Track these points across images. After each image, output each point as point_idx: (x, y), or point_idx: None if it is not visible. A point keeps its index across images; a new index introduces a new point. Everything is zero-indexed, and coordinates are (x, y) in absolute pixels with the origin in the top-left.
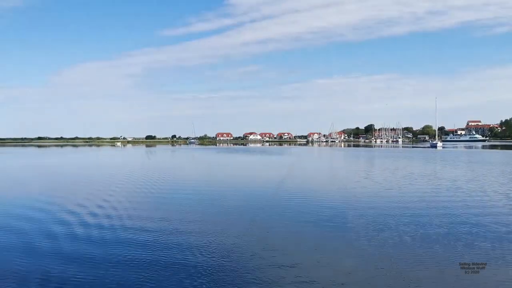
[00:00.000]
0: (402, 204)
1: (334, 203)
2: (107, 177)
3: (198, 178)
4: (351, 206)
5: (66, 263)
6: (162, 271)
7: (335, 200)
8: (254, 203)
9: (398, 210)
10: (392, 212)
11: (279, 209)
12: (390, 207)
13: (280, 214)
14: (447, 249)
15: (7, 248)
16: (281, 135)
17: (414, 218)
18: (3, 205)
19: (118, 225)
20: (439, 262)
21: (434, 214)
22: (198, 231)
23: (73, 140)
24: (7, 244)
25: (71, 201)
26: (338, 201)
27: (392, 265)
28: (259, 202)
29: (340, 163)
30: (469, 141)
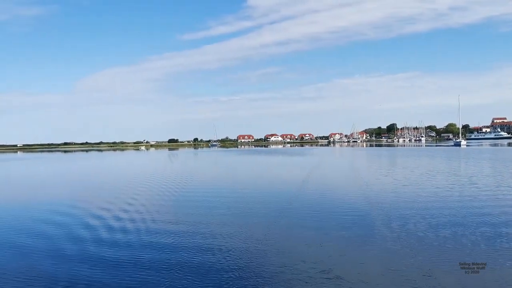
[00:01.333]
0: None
1: (355, 204)
2: (131, 180)
3: (220, 180)
4: (369, 205)
5: (93, 267)
6: (187, 274)
7: (357, 201)
8: (276, 205)
9: (405, 210)
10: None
11: (302, 211)
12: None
13: (303, 216)
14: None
15: (36, 252)
16: (303, 136)
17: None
18: (31, 210)
19: (142, 228)
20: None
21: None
22: (221, 234)
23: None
24: (35, 248)
25: (97, 205)
26: (359, 202)
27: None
28: (281, 203)
29: (361, 163)
30: (495, 139)
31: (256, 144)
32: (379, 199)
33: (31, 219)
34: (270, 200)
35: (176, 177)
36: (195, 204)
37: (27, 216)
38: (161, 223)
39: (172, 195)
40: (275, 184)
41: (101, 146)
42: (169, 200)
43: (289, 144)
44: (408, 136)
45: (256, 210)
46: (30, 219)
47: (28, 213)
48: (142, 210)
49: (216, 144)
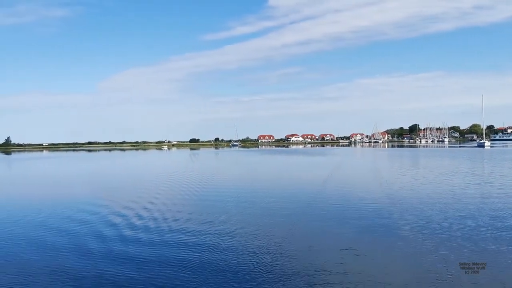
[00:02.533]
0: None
1: (377, 204)
2: (154, 179)
3: (241, 179)
4: (389, 205)
5: (118, 264)
6: (209, 273)
7: (378, 202)
8: (298, 204)
9: (418, 210)
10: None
11: (323, 211)
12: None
13: (324, 216)
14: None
15: (63, 248)
16: (323, 136)
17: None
18: (58, 207)
19: (164, 226)
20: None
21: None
22: (242, 233)
23: (121, 144)
24: (62, 245)
25: (120, 203)
26: (380, 203)
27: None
28: (303, 203)
29: (382, 163)
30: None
31: (277, 144)
32: (398, 199)
33: (58, 217)
34: (291, 200)
35: (198, 177)
36: (216, 203)
37: (55, 214)
38: (182, 222)
39: (193, 194)
40: (296, 184)
41: (124, 145)
42: (190, 199)
43: (310, 144)
44: (431, 137)
45: (277, 210)
46: (57, 216)
47: (55, 211)
48: (164, 209)
49: (237, 144)
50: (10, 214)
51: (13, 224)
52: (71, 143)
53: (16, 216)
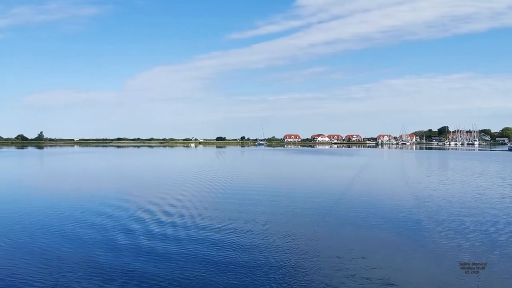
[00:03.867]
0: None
1: (402, 206)
2: (181, 176)
3: (267, 178)
4: (415, 208)
5: (144, 259)
6: (234, 271)
7: (404, 203)
8: (324, 204)
9: (436, 211)
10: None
11: (348, 211)
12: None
13: (350, 215)
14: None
15: (92, 243)
16: (350, 137)
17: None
18: (88, 202)
19: (190, 223)
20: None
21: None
22: (267, 232)
23: (149, 141)
24: (91, 239)
25: (148, 199)
26: (406, 204)
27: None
28: (329, 202)
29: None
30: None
31: (303, 144)
32: (423, 200)
33: (88, 211)
34: (318, 199)
35: (224, 174)
36: (242, 201)
37: (85, 208)
38: (208, 219)
39: (219, 192)
40: (322, 183)
41: (152, 142)
42: (216, 197)
43: (336, 144)
44: (460, 140)
45: (303, 209)
46: (87, 210)
47: (86, 205)
48: (190, 205)
49: (263, 143)
50: (43, 207)
51: (46, 217)
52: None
53: (49, 209)
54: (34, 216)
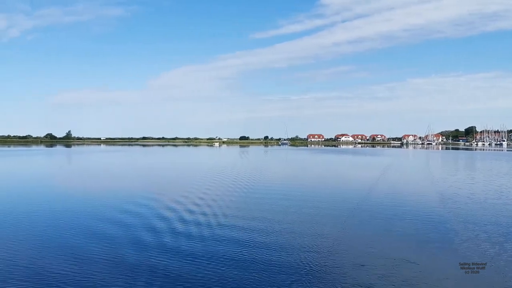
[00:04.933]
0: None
1: (427, 207)
2: (204, 174)
3: (290, 177)
4: (440, 209)
5: (169, 257)
6: (257, 269)
7: (429, 204)
8: (347, 204)
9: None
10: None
11: (373, 211)
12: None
13: (373, 216)
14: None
15: (118, 240)
16: (374, 136)
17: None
18: (114, 200)
19: (214, 222)
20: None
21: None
22: (291, 231)
23: (173, 140)
24: (117, 237)
25: (171, 197)
26: (431, 205)
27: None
28: (353, 202)
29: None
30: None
31: (326, 143)
32: (449, 201)
33: (114, 209)
34: (342, 199)
35: (247, 174)
36: (266, 200)
37: (111, 205)
38: (232, 218)
39: (242, 191)
40: (346, 183)
41: (176, 141)
42: (239, 196)
43: (360, 144)
44: (488, 140)
45: (328, 208)
46: (113, 208)
47: (112, 203)
48: (214, 204)
49: (287, 142)
50: (71, 205)
51: (74, 215)
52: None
53: (76, 206)
54: (63, 213)
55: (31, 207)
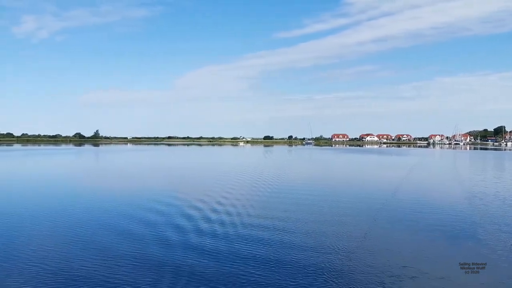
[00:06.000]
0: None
1: (454, 208)
2: (228, 174)
3: (315, 177)
4: (466, 210)
5: (194, 256)
6: (282, 269)
7: (456, 204)
8: (373, 204)
9: None
10: None
11: (399, 211)
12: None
13: (401, 216)
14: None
15: (143, 238)
16: (400, 136)
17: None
18: (139, 198)
19: (238, 221)
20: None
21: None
22: (315, 231)
23: (198, 139)
24: (143, 235)
25: (196, 196)
26: (458, 205)
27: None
28: (378, 203)
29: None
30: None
31: (351, 143)
32: (477, 203)
33: (140, 207)
34: (368, 199)
35: (271, 173)
36: (290, 200)
37: (137, 204)
38: (256, 217)
39: (266, 190)
40: (372, 182)
41: (201, 140)
42: (263, 196)
43: (385, 144)
44: None
45: (353, 208)
46: (139, 206)
47: (137, 201)
48: (239, 203)
49: (311, 142)
50: (98, 203)
51: (100, 213)
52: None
53: (103, 205)
54: (91, 212)
55: (62, 206)
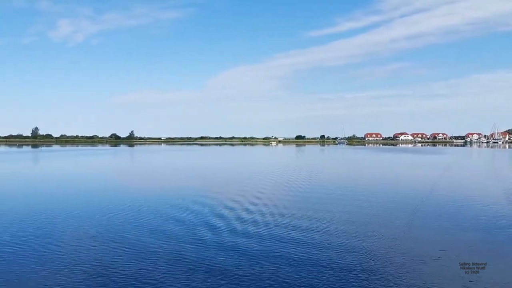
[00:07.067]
0: None
1: (491, 207)
2: (262, 173)
3: (347, 177)
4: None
5: (227, 255)
6: (314, 269)
7: (495, 205)
8: (407, 204)
9: None
10: None
11: (435, 212)
12: None
13: (437, 218)
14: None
15: (177, 237)
16: (435, 135)
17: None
18: (173, 198)
19: (271, 221)
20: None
21: None
22: (349, 232)
23: (230, 139)
24: (177, 234)
25: (229, 196)
26: (498, 206)
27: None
28: (413, 203)
29: (500, 165)
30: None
31: (384, 142)
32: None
33: (174, 206)
34: (402, 199)
35: (304, 173)
36: (323, 200)
37: (171, 203)
38: (289, 217)
39: (299, 190)
40: (407, 182)
41: (233, 140)
42: (296, 195)
43: (420, 143)
44: None
45: (388, 208)
46: (173, 206)
47: (172, 201)
48: (271, 203)
49: (343, 141)
50: (134, 202)
51: (135, 212)
52: (185, 137)
53: (139, 204)
54: (126, 210)
55: (98, 204)
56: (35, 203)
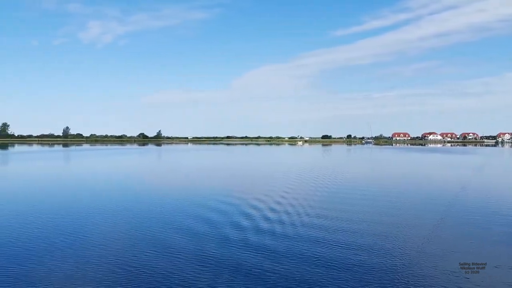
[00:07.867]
0: None
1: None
2: (288, 173)
3: (373, 177)
4: None
5: (253, 254)
6: (339, 269)
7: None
8: (435, 206)
9: None
10: None
11: (464, 213)
12: None
13: (468, 218)
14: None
15: (203, 235)
16: (465, 135)
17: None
18: (199, 197)
19: (297, 221)
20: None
21: None
22: (376, 233)
23: (256, 139)
24: (203, 233)
25: (255, 196)
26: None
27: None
28: (441, 204)
29: None
30: None
31: (412, 142)
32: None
33: (200, 206)
34: (430, 200)
35: (330, 173)
36: (349, 200)
37: (197, 202)
38: (315, 217)
39: (325, 190)
40: (435, 182)
41: (259, 140)
42: (322, 195)
43: (450, 143)
44: None
45: (415, 209)
46: (199, 205)
47: (198, 200)
48: (296, 203)
49: (371, 141)
50: (162, 200)
51: (162, 210)
52: (212, 137)
53: (166, 202)
54: (153, 209)
55: (124, 203)
56: (67, 200)
